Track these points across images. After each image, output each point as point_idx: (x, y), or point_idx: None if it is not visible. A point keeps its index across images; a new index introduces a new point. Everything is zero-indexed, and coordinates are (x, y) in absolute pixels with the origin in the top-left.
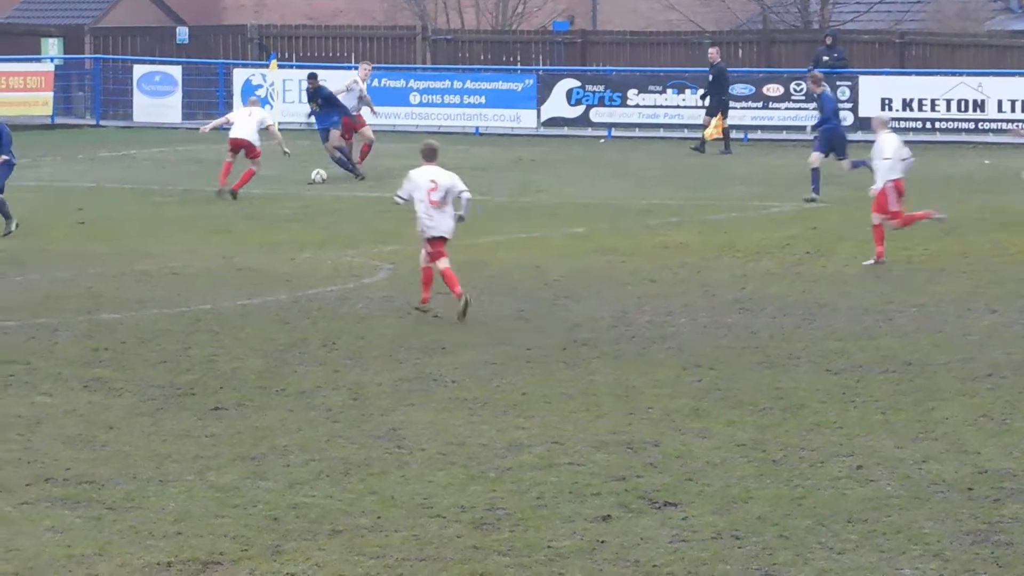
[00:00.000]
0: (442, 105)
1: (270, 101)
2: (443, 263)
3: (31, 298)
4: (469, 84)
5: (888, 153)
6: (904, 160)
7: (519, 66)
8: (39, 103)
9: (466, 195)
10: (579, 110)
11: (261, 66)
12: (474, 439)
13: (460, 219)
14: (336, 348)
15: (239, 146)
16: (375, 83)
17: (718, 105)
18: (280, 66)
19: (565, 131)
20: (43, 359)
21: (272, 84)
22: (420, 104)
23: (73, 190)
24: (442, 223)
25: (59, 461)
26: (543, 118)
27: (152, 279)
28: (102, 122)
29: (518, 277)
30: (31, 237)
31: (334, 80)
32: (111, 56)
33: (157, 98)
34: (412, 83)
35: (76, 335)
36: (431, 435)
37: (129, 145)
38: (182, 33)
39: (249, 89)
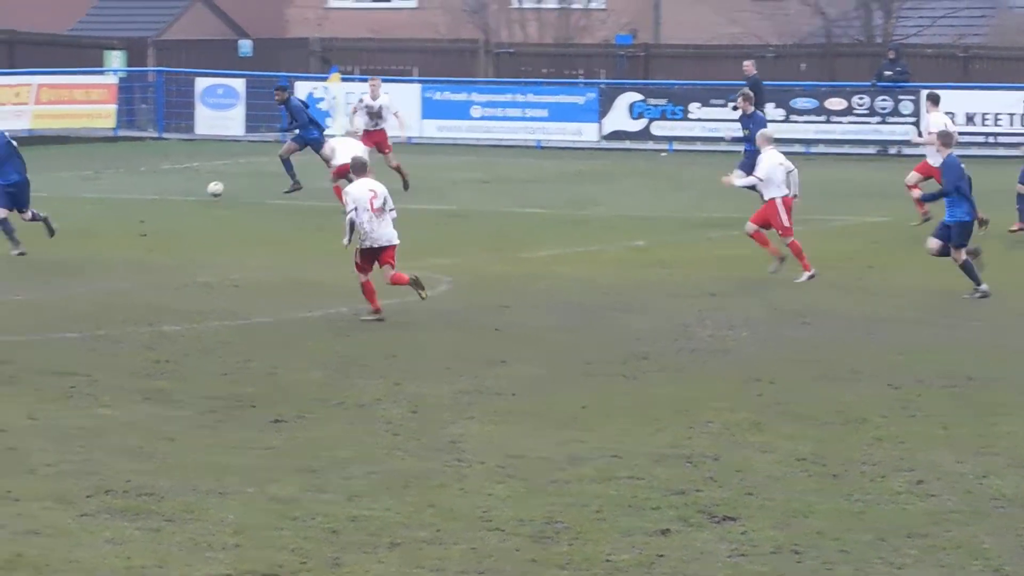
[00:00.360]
0: (504, 119)
1: (331, 114)
2: (388, 271)
3: (93, 309)
4: (531, 97)
5: (762, 173)
6: (790, 172)
7: (581, 79)
8: (102, 115)
9: (393, 214)
10: (641, 123)
11: (323, 79)
12: (533, 452)
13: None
14: (396, 361)
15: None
16: (437, 95)
17: None
18: (342, 79)
19: (627, 144)
20: (104, 370)
21: (334, 97)
22: (482, 118)
23: (135, 202)
24: (385, 232)
25: (119, 473)
26: (605, 131)
27: (213, 291)
28: (165, 134)
29: (577, 290)
30: (94, 248)
31: (396, 93)
32: (174, 69)
33: (220, 111)
34: (474, 96)
35: (137, 346)
36: (490, 448)
37: (191, 157)
38: (245, 46)
39: (312, 102)
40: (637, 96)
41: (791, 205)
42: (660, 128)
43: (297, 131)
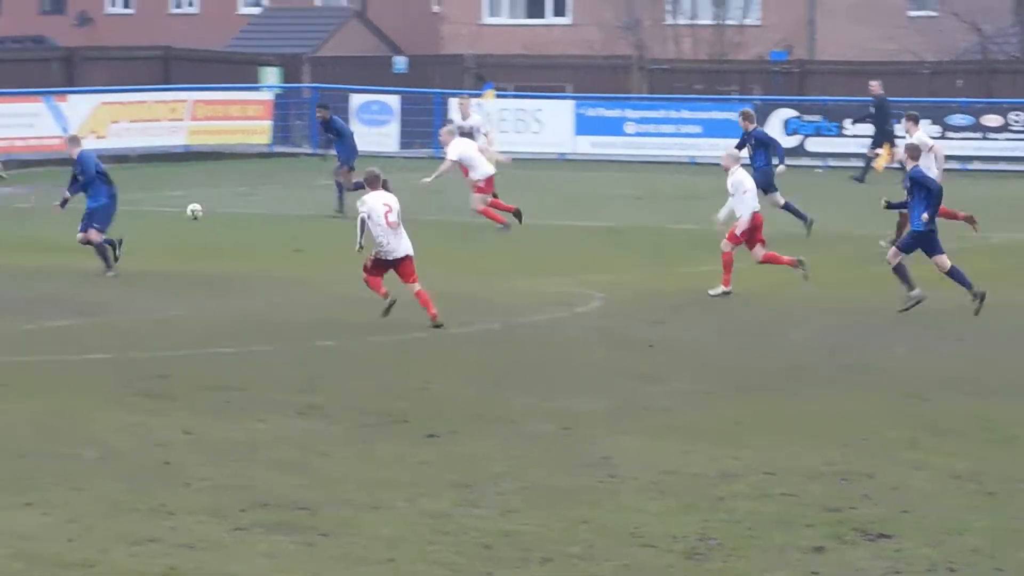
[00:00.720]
0: (657, 135)
1: (483, 132)
2: (415, 286)
3: (248, 324)
4: (685, 114)
5: (748, 186)
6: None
7: (735, 96)
8: (258, 131)
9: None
10: (795, 140)
11: (477, 95)
12: (686, 468)
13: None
14: (549, 376)
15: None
16: (590, 112)
17: (882, 136)
18: (497, 95)
19: None
20: (259, 385)
21: (488, 113)
22: (636, 134)
23: (290, 218)
24: (400, 244)
25: (273, 487)
26: None
27: (367, 306)
28: (319, 150)
29: (731, 305)
30: (249, 264)
31: (549, 109)
32: (329, 85)
33: (374, 127)
34: (628, 112)
35: (292, 361)
36: (643, 463)
37: None
38: (400, 63)
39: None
40: (791, 112)
41: (759, 221)
42: (814, 145)
43: (337, 152)
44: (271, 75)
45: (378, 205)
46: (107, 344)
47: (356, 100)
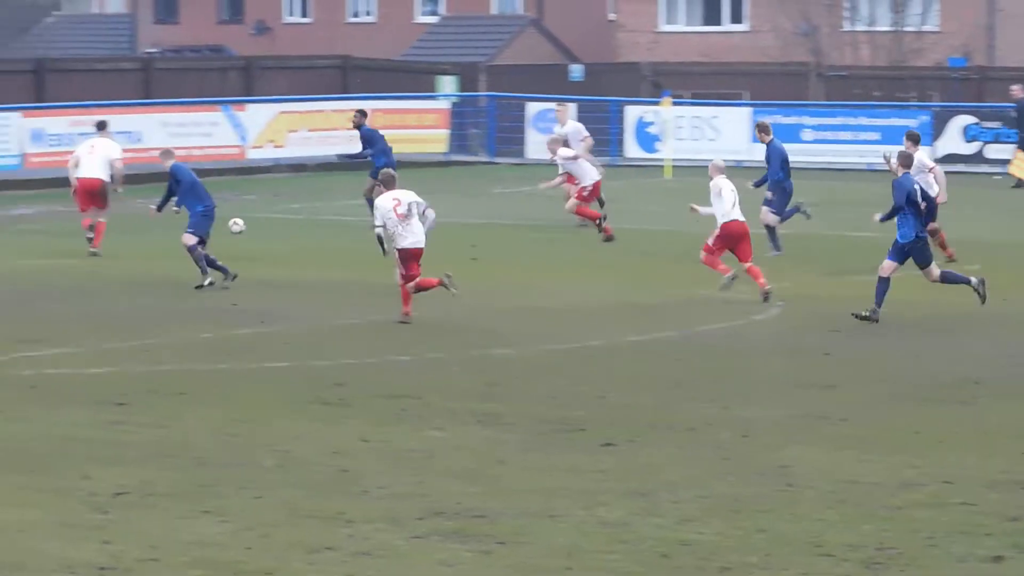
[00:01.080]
0: (835, 142)
1: (661, 138)
2: (410, 285)
3: (425, 332)
4: (863, 120)
5: (727, 195)
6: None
7: (914, 102)
8: (434, 140)
9: (431, 212)
10: (974, 147)
11: (654, 103)
12: (865, 477)
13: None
14: (725, 384)
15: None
16: (768, 119)
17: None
18: (674, 103)
19: (960, 168)
20: (436, 393)
21: (665, 121)
22: (813, 141)
23: (467, 226)
24: (414, 233)
25: (451, 495)
26: (937, 155)
27: (544, 314)
28: (496, 159)
29: (910, 314)
30: (425, 272)
31: (726, 116)
32: (505, 94)
33: (551, 135)
34: (805, 119)
35: (469, 369)
36: (821, 472)
37: (522, 182)
38: (576, 71)
39: (642, 127)
40: (971, 119)
41: (736, 231)
42: (994, 151)
43: (371, 159)
44: (448, 84)
45: (388, 202)
46: (285, 352)
47: (532, 108)
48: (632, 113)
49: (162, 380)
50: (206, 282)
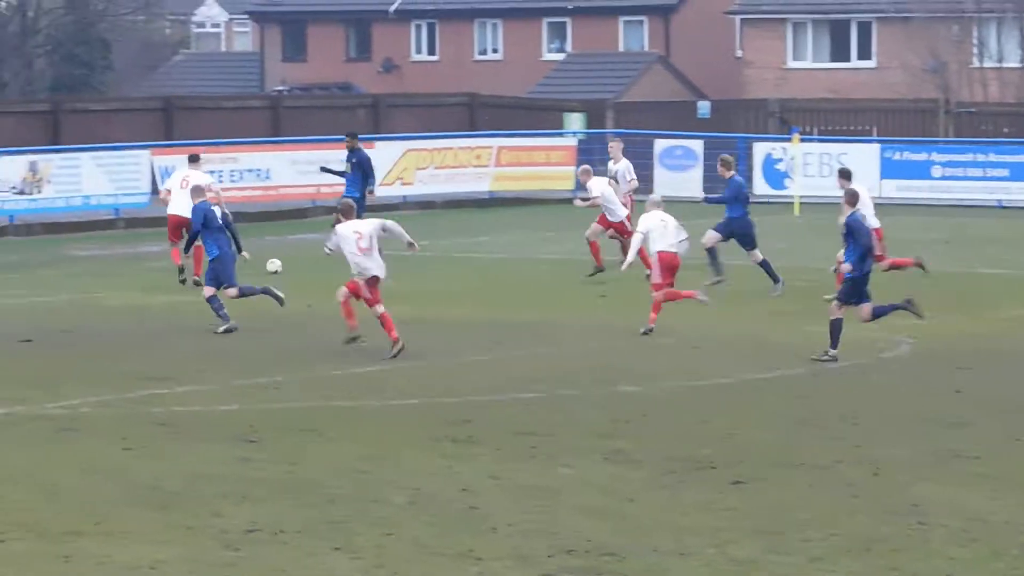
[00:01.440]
0: (964, 178)
1: (790, 174)
2: (379, 308)
3: (553, 369)
4: (992, 157)
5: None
6: (681, 241)
7: None
8: (561, 177)
9: (391, 223)
10: None
11: (781, 140)
12: (996, 515)
13: (410, 245)
14: (855, 422)
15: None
16: (896, 156)
17: None
18: (802, 140)
19: None
20: (564, 430)
21: (792, 158)
22: (942, 177)
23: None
24: (372, 264)
25: (579, 532)
26: None
27: (672, 351)
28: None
29: None
30: (553, 309)
31: (854, 153)
32: (632, 131)
33: (678, 172)
34: (934, 156)
35: (596, 406)
36: (952, 510)
37: None
38: (703, 107)
39: (770, 163)
40: None
41: (667, 261)
42: None
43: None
44: (575, 121)
45: (350, 234)
46: (413, 389)
47: (660, 145)
48: (760, 150)
49: (292, 417)
50: (221, 329)
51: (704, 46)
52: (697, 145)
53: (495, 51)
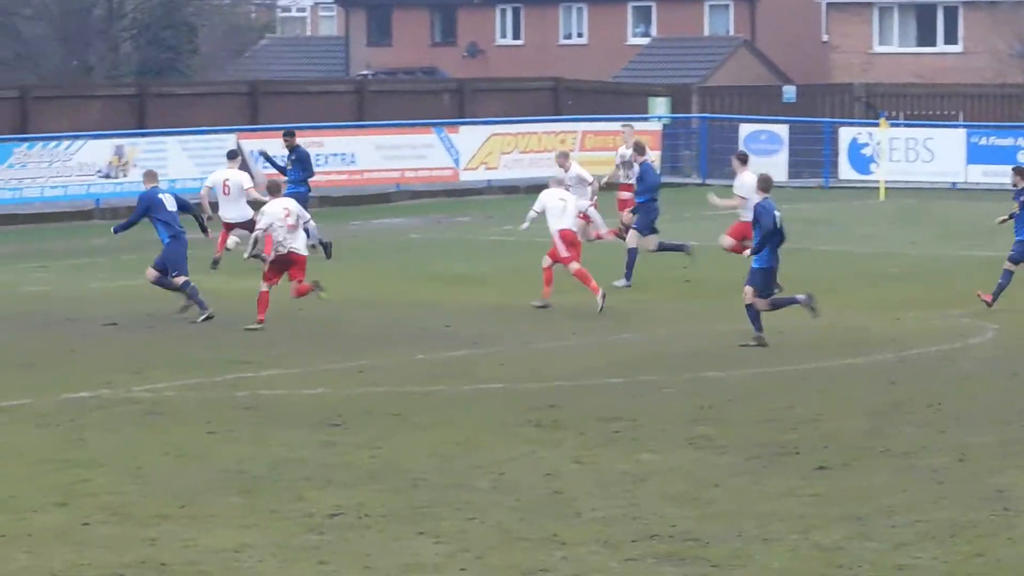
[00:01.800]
0: None
1: (875, 159)
2: (296, 284)
3: (636, 355)
4: None
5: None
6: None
7: None
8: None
9: (311, 223)
10: None
11: (867, 125)
12: None
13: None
14: (941, 409)
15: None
16: (982, 141)
17: None
18: (890, 124)
19: None
20: (648, 416)
21: (879, 143)
22: None
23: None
24: (295, 243)
25: (664, 518)
26: None
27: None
28: (708, 180)
29: None
30: (638, 295)
31: (940, 138)
32: (717, 115)
33: (763, 157)
34: (1020, 141)
35: (680, 392)
36: None
37: None
38: (789, 92)
39: (855, 148)
40: None
41: (569, 238)
42: None
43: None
44: (660, 105)
45: (278, 210)
46: (498, 374)
47: (744, 129)
48: (845, 134)
49: (377, 401)
50: (200, 318)
51: (790, 30)
52: (782, 130)
53: (580, 35)
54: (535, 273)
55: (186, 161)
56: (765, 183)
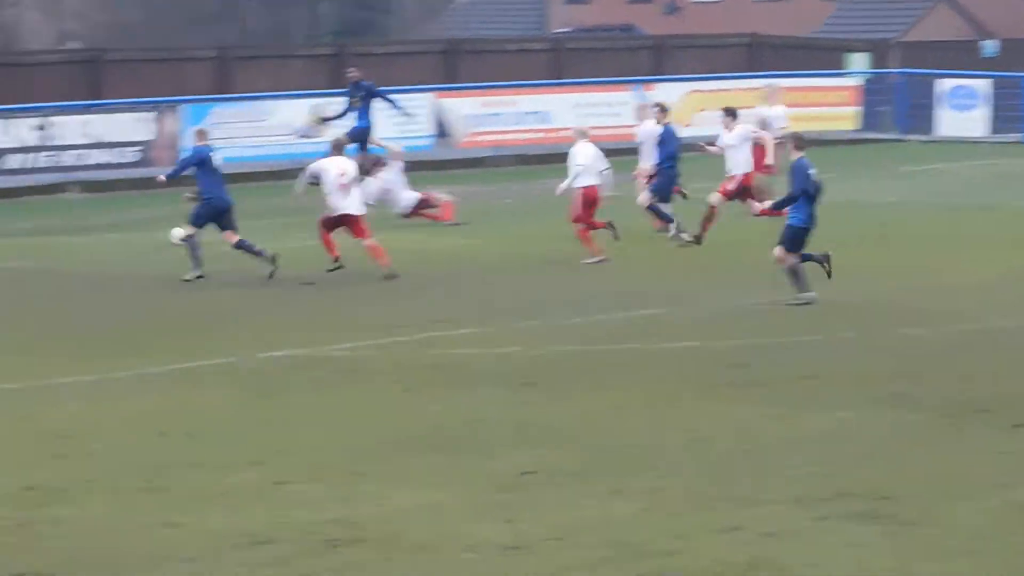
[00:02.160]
0: None
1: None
2: (366, 242)
3: (834, 312)
4: None
5: (580, 160)
6: (602, 171)
7: None
8: (843, 118)
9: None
10: None
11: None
12: None
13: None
14: None
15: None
16: None
17: None
18: None
19: None
20: (845, 374)
21: None
22: None
23: (877, 205)
24: (349, 203)
25: (857, 476)
26: None
27: (956, 294)
28: (905, 136)
29: None
30: (834, 251)
31: None
32: (916, 70)
33: (963, 112)
34: None
35: (877, 349)
36: None
37: (932, 159)
38: (989, 46)
39: None
40: None
41: (594, 196)
42: None
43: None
44: (858, 60)
45: (333, 169)
46: (691, 332)
47: (944, 85)
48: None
49: (569, 360)
50: (193, 276)
51: None
52: (982, 85)
53: None
54: (725, 230)
55: (384, 120)
56: (799, 141)
